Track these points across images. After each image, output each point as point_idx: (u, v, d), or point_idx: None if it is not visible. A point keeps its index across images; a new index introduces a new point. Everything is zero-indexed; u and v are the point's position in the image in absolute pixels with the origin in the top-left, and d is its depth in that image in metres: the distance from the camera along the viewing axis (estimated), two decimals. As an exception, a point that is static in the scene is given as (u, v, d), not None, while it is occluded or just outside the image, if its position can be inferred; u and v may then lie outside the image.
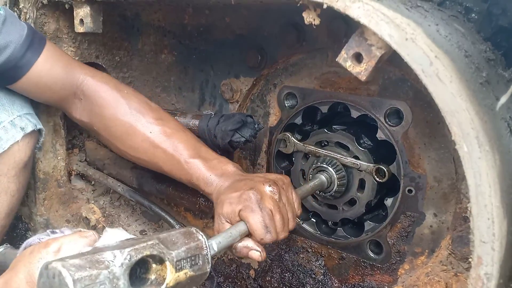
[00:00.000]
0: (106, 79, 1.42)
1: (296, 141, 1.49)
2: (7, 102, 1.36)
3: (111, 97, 1.36)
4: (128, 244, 0.76)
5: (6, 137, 1.34)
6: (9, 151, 1.36)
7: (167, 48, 1.84)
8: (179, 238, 0.83)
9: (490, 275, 0.79)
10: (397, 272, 1.37)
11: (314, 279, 1.55)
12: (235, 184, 1.15)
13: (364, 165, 1.34)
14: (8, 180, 1.39)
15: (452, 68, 0.82)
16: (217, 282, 1.66)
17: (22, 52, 1.25)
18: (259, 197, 1.06)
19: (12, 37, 1.24)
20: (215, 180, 1.21)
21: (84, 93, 1.37)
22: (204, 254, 0.85)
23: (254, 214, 1.04)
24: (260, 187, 1.09)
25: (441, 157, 1.24)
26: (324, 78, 1.44)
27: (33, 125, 1.40)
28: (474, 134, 0.78)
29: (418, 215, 1.30)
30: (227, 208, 1.08)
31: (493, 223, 0.77)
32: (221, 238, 0.97)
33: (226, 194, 1.11)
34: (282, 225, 1.08)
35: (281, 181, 1.15)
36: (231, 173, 1.22)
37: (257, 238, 1.04)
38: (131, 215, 1.98)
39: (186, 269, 0.81)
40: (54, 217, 1.82)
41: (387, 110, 1.30)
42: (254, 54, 1.53)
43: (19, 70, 1.28)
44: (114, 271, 0.71)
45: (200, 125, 1.53)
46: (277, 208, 1.08)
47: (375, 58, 0.88)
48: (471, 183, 0.79)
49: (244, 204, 1.06)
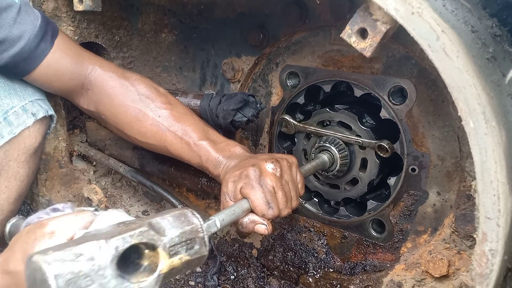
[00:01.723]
0: (113, 68, 1.43)
1: (296, 123, 1.48)
2: (19, 87, 1.34)
3: (119, 85, 1.37)
4: (116, 232, 0.73)
5: (17, 122, 1.33)
6: (20, 137, 1.35)
7: (167, 27, 1.81)
8: (173, 221, 0.79)
9: (495, 251, 0.79)
10: (399, 251, 1.37)
11: (316, 258, 1.56)
12: (239, 163, 1.16)
13: (366, 142, 1.33)
14: (18, 166, 1.39)
15: (458, 43, 0.81)
16: (220, 262, 1.67)
17: (36, 42, 1.25)
18: (259, 174, 1.07)
19: (26, 27, 1.23)
20: (223, 162, 1.22)
21: (91, 83, 1.38)
22: (200, 237, 0.81)
23: (254, 191, 1.05)
24: (261, 164, 1.10)
25: (445, 135, 1.23)
26: (327, 57, 1.42)
27: (44, 111, 1.39)
28: (481, 110, 0.77)
29: (421, 193, 1.30)
30: (230, 186, 1.10)
31: (499, 199, 0.77)
32: (224, 215, 0.97)
33: (230, 173, 1.13)
34: (285, 202, 1.09)
35: (285, 160, 1.15)
36: (238, 154, 1.23)
37: (259, 214, 1.05)
38: (133, 196, 1.98)
39: (181, 254, 0.78)
40: (56, 197, 1.82)
41: (391, 88, 1.29)
42: (255, 32, 1.51)
43: (32, 62, 1.27)
44: (99, 263, 0.68)
45: (201, 105, 1.52)
46: (279, 185, 1.08)
47: (380, 33, 0.86)
48: (477, 159, 0.78)
49: (245, 181, 1.07)
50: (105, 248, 0.70)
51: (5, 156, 1.35)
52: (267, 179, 1.07)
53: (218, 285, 1.65)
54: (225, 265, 1.69)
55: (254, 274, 1.65)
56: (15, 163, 1.38)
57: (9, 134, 1.33)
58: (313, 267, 1.56)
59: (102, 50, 1.79)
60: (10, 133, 1.33)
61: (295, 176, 1.15)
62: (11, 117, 1.33)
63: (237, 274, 1.67)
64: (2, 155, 1.34)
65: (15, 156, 1.37)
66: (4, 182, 1.39)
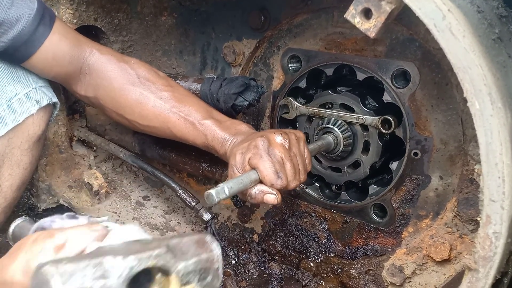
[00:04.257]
0: (112, 52, 1.42)
1: (299, 105, 1.46)
2: (23, 74, 1.33)
3: (118, 68, 1.36)
4: (133, 251, 0.68)
5: (21, 109, 1.32)
6: (23, 124, 1.34)
7: (167, 10, 1.79)
8: (191, 246, 0.75)
9: (498, 233, 0.78)
10: (401, 235, 1.37)
11: (317, 243, 1.56)
12: (247, 137, 1.17)
13: (369, 119, 1.32)
14: (21, 153, 1.38)
15: (465, 23, 0.79)
16: (221, 247, 1.67)
17: (35, 25, 1.23)
18: (268, 144, 1.07)
19: (23, 10, 1.20)
20: (229, 139, 1.22)
21: (90, 67, 1.36)
22: (215, 268, 0.76)
23: (263, 160, 1.05)
24: (270, 136, 1.10)
25: (448, 119, 1.22)
26: (329, 39, 1.40)
27: (48, 98, 1.37)
28: (487, 91, 0.75)
29: (423, 178, 1.30)
30: (238, 158, 1.10)
31: (504, 181, 0.76)
32: (232, 183, 0.97)
33: (238, 146, 1.13)
34: (293, 174, 1.08)
35: (293, 134, 1.15)
36: (244, 131, 1.23)
37: (267, 183, 1.05)
38: (133, 181, 1.97)
39: (193, 283, 0.73)
40: (56, 183, 1.81)
41: (394, 71, 1.28)
42: (257, 15, 1.49)
43: (32, 45, 1.25)
44: (110, 282, 0.64)
45: (202, 88, 1.50)
46: (288, 157, 1.08)
47: (385, 13, 0.84)
48: (482, 141, 0.77)
49: (253, 152, 1.07)
50: (120, 267, 0.66)
51: (9, 144, 1.34)
52: (276, 150, 1.07)
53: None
54: (226, 250, 1.69)
55: (255, 259, 1.65)
56: (18, 150, 1.37)
57: (13, 121, 1.31)
58: (314, 252, 1.56)
59: (101, 33, 1.77)
60: (13, 120, 1.31)
61: (302, 150, 1.15)
62: (15, 105, 1.32)
63: (238, 259, 1.67)
64: (5, 142, 1.33)
65: (18, 143, 1.36)
66: (8, 169, 1.38)
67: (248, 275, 1.63)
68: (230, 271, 1.64)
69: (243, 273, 1.64)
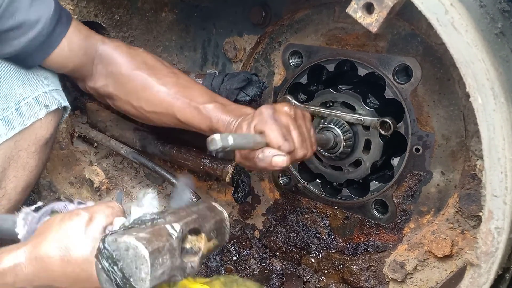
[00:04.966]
0: (121, 43, 1.46)
1: (297, 103, 1.46)
2: (33, 77, 1.32)
3: (126, 54, 1.40)
4: (177, 218, 0.84)
5: (29, 113, 1.31)
6: (31, 128, 1.33)
7: (168, 6, 1.78)
8: (206, 212, 0.93)
9: (500, 229, 0.78)
10: (402, 231, 1.37)
11: (318, 239, 1.56)
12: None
13: (368, 120, 1.32)
14: (27, 156, 1.37)
15: (467, 17, 0.79)
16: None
17: (53, 26, 1.24)
18: (273, 111, 1.07)
19: (43, 11, 1.22)
20: (234, 121, 1.21)
21: (101, 56, 1.39)
22: (226, 225, 0.96)
23: (268, 124, 1.05)
24: (276, 105, 1.10)
25: (450, 114, 1.21)
26: (330, 35, 1.40)
27: (57, 102, 1.37)
28: (489, 86, 0.75)
29: (425, 174, 1.29)
30: (244, 128, 1.10)
31: (506, 176, 0.76)
32: (236, 135, 0.98)
33: (243, 119, 1.14)
34: (301, 142, 1.07)
35: (299, 110, 1.15)
36: (249, 113, 1.22)
37: (274, 146, 1.04)
38: (134, 177, 1.97)
39: (214, 239, 0.90)
40: (57, 179, 1.81)
41: (396, 67, 1.27)
42: (258, 10, 1.48)
43: (49, 46, 1.26)
44: (173, 243, 0.79)
45: (204, 84, 1.50)
46: (294, 125, 1.08)
47: (387, 8, 0.84)
48: (485, 136, 0.77)
49: (259, 118, 1.07)
50: (176, 230, 0.81)
51: (15, 146, 1.34)
52: (282, 116, 1.07)
53: (221, 265, 1.65)
54: (228, 246, 1.69)
55: (256, 255, 1.65)
56: (25, 153, 1.36)
57: (20, 125, 1.31)
58: (316, 248, 1.56)
59: (102, 29, 1.76)
60: (21, 124, 1.31)
61: (309, 126, 1.15)
62: (23, 108, 1.31)
63: (239, 255, 1.67)
64: (12, 145, 1.33)
65: (25, 146, 1.35)
66: (13, 171, 1.37)
67: (249, 271, 1.63)
68: (232, 267, 1.64)
69: (244, 269, 1.64)
